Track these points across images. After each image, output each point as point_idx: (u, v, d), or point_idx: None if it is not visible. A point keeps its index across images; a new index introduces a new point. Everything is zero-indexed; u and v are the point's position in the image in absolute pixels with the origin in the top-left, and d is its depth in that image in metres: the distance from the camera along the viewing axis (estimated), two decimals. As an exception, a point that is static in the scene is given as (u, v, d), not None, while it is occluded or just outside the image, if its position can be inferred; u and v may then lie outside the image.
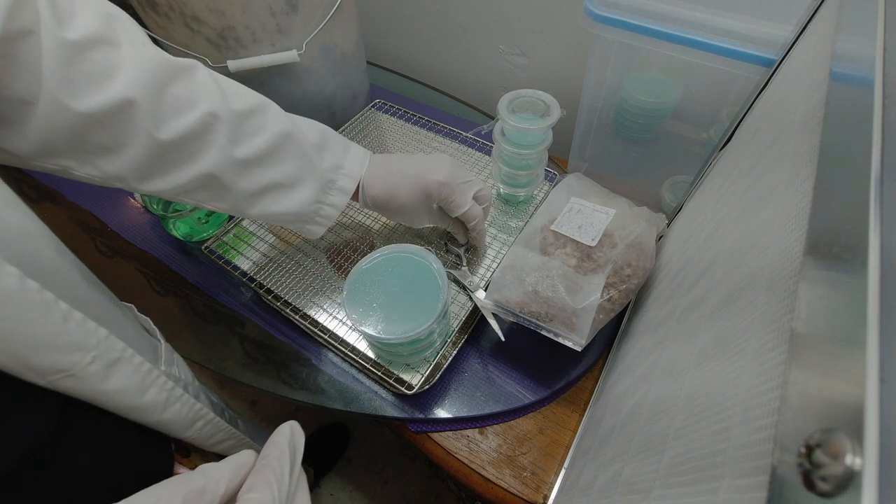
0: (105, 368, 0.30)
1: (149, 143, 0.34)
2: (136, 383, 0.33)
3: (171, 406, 0.36)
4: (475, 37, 0.81)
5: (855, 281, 0.12)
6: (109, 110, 0.32)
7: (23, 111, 0.30)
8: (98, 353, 0.29)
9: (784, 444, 0.12)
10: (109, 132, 0.33)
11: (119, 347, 0.31)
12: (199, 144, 0.37)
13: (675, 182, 0.60)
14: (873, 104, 0.16)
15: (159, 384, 0.35)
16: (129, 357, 0.32)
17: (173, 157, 0.36)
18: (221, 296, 0.58)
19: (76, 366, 0.28)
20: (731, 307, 0.23)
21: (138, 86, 0.32)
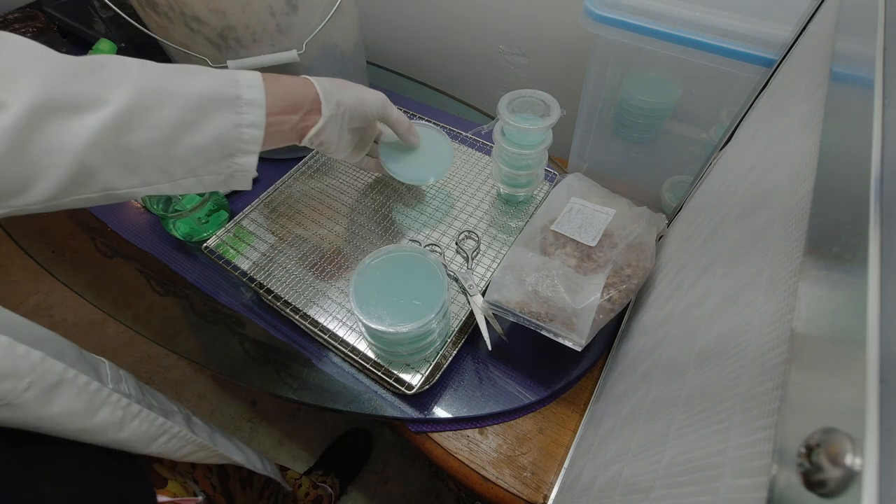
0: (44, 393, 0.28)
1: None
2: (84, 405, 0.31)
3: (129, 424, 0.34)
4: (475, 37, 0.81)
5: (855, 281, 0.12)
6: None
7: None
8: (34, 378, 0.28)
9: (784, 444, 0.12)
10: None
11: (58, 370, 0.29)
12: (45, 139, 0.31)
13: (675, 182, 0.60)
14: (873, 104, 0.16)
15: (112, 402, 0.33)
16: (72, 378, 0.30)
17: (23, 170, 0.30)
18: (221, 296, 0.58)
19: (10, 393, 0.26)
20: (731, 306, 0.23)
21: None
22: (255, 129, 0.39)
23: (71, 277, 0.63)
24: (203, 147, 0.36)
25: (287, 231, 0.59)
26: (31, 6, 0.91)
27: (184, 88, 0.35)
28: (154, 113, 0.33)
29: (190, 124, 0.35)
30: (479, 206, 0.61)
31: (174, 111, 0.34)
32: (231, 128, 0.37)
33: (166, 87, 0.34)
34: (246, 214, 0.60)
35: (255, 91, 0.38)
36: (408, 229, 0.59)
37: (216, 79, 0.37)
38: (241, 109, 0.38)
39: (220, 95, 0.36)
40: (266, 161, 0.71)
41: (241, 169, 0.40)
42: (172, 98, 0.34)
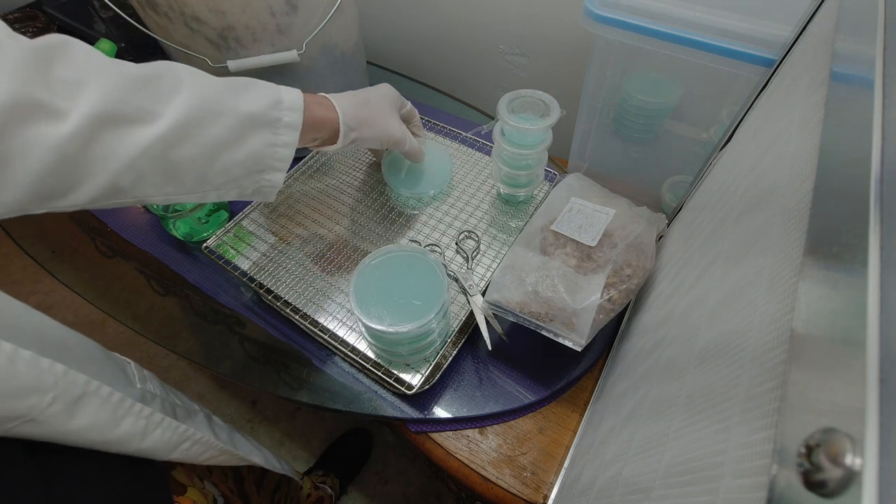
0: (69, 407, 0.28)
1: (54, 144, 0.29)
2: (107, 416, 0.31)
3: (152, 433, 0.34)
4: (475, 37, 0.81)
5: (855, 281, 0.12)
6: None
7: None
8: (58, 393, 0.27)
9: (784, 444, 0.12)
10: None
11: (81, 382, 0.29)
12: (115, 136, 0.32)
13: (675, 182, 0.60)
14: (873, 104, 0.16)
15: (135, 413, 0.33)
16: (96, 390, 0.30)
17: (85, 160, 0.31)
18: (221, 296, 0.58)
19: (34, 409, 0.26)
20: (731, 306, 0.23)
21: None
22: (287, 149, 0.41)
23: (71, 277, 0.63)
24: (238, 163, 0.38)
25: (287, 231, 0.59)
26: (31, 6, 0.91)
27: (231, 107, 0.37)
28: (201, 130, 0.35)
29: (231, 142, 0.37)
30: (479, 206, 0.61)
31: (219, 129, 0.36)
32: (266, 147, 0.39)
33: (214, 106, 0.36)
34: (246, 214, 0.60)
35: (295, 114, 0.41)
36: (408, 229, 0.59)
37: (261, 99, 0.39)
38: (279, 131, 0.40)
39: (263, 117, 0.38)
40: (266, 161, 0.71)
41: (269, 184, 0.42)
42: (219, 117, 0.36)
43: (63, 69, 0.30)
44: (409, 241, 0.57)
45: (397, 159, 0.61)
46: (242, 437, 0.50)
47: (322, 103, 0.44)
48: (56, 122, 0.29)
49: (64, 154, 0.29)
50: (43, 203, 0.31)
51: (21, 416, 0.26)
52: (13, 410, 0.25)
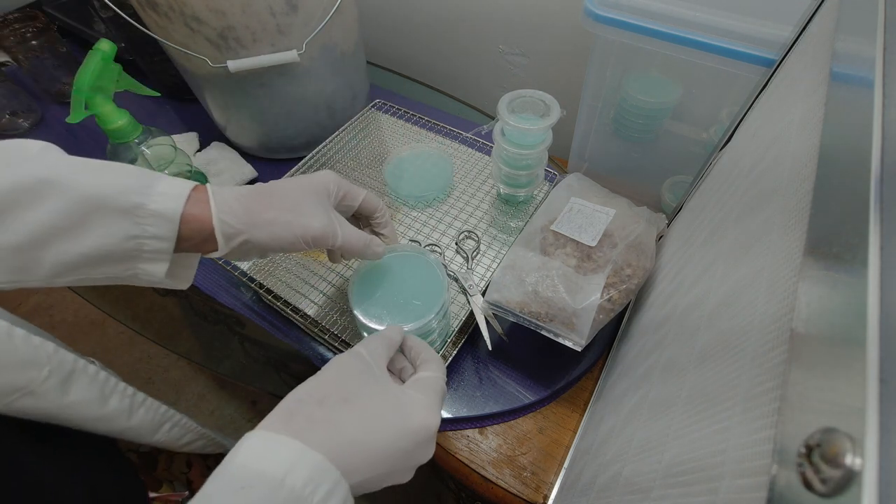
0: (62, 382, 0.30)
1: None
2: (96, 393, 0.32)
3: (137, 411, 0.36)
4: (475, 37, 0.81)
5: (855, 281, 0.12)
6: None
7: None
8: (52, 367, 0.29)
9: (784, 444, 0.12)
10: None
11: (70, 359, 0.31)
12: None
13: (675, 182, 0.60)
14: (873, 104, 0.16)
15: (119, 391, 0.34)
16: (83, 368, 0.32)
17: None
18: (221, 296, 0.58)
19: (33, 382, 0.28)
20: (732, 307, 0.23)
21: None
22: (160, 243, 0.31)
23: (71, 277, 0.63)
24: (84, 255, 0.29)
25: (287, 231, 0.59)
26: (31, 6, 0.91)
27: (67, 186, 0.28)
28: (14, 215, 0.27)
29: (66, 230, 0.28)
30: (479, 206, 0.61)
31: (43, 215, 0.27)
32: (123, 240, 0.30)
33: (39, 186, 0.27)
34: (246, 214, 0.60)
35: (171, 200, 0.30)
36: (408, 229, 0.59)
37: (118, 180, 0.29)
38: (144, 220, 0.30)
39: (114, 202, 0.29)
40: (266, 161, 0.71)
41: (145, 274, 0.32)
42: (45, 200, 0.27)
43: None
44: (409, 241, 0.57)
45: (400, 164, 0.62)
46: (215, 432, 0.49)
47: (194, 196, 0.32)
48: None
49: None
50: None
51: (22, 387, 0.27)
52: (15, 382, 0.27)
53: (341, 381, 0.29)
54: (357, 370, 0.30)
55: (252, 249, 0.34)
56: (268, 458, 0.23)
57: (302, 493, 0.22)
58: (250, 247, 0.34)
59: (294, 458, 0.23)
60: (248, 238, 0.33)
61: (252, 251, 0.35)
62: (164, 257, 0.31)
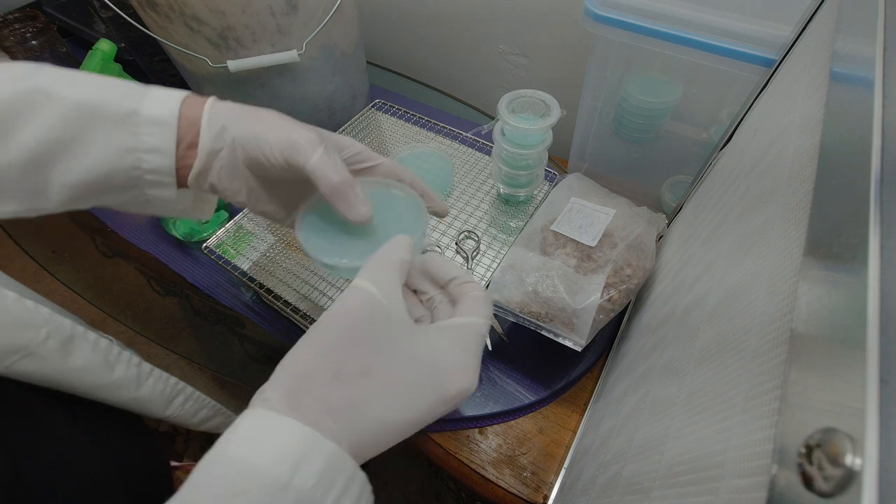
0: (63, 345, 0.29)
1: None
2: (100, 360, 0.32)
3: (145, 382, 0.35)
4: (475, 37, 0.81)
5: (855, 281, 0.12)
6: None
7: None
8: (50, 330, 0.28)
9: (784, 444, 0.12)
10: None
11: (68, 324, 0.30)
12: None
13: (675, 182, 0.60)
14: (873, 104, 0.16)
15: (125, 360, 0.34)
16: (83, 334, 0.31)
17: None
18: (221, 296, 0.58)
19: (32, 342, 0.27)
20: (731, 307, 0.23)
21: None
22: (159, 157, 0.29)
23: (71, 277, 0.63)
24: (89, 176, 0.28)
25: (287, 231, 0.59)
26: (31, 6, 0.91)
27: (57, 98, 0.27)
28: (14, 127, 0.26)
29: (66, 143, 0.27)
30: (479, 206, 0.61)
31: (40, 127, 0.27)
32: (122, 153, 0.28)
33: (31, 95, 0.26)
34: (246, 214, 0.60)
35: (163, 107, 0.28)
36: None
37: (108, 86, 0.28)
38: (140, 129, 0.28)
39: (105, 109, 0.27)
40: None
41: (158, 200, 0.30)
42: (39, 107, 0.27)
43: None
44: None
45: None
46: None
47: (187, 101, 0.30)
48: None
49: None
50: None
51: (20, 348, 0.27)
52: (12, 342, 0.26)
53: (355, 341, 0.22)
54: (372, 320, 0.23)
55: (234, 152, 0.30)
56: (271, 451, 0.19)
57: (312, 497, 0.18)
58: (228, 145, 0.30)
59: (304, 451, 0.19)
60: (228, 126, 0.29)
61: (228, 156, 0.30)
62: (166, 179, 0.29)
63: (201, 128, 0.29)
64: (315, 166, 0.28)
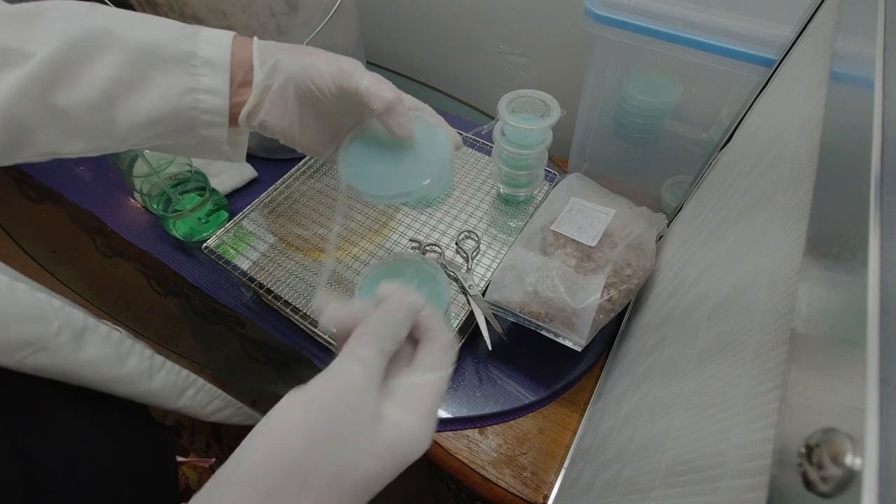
0: (75, 338, 0.29)
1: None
2: (112, 353, 0.32)
3: (157, 374, 0.35)
4: (475, 37, 0.81)
5: (855, 281, 0.12)
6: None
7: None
8: (62, 322, 0.28)
9: (784, 444, 0.12)
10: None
11: (80, 316, 0.30)
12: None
13: (675, 182, 0.60)
14: (873, 104, 0.16)
15: (137, 353, 0.34)
16: (95, 327, 0.31)
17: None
18: (221, 296, 0.58)
19: (43, 337, 0.27)
20: (731, 307, 0.23)
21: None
22: (214, 98, 0.31)
23: (71, 277, 0.63)
24: (150, 115, 0.30)
25: (287, 231, 0.59)
26: (31, 6, 0.91)
27: (121, 38, 0.28)
28: (82, 69, 0.28)
29: (129, 84, 0.29)
30: (479, 206, 0.61)
31: (107, 67, 0.28)
32: (181, 94, 0.30)
33: (99, 37, 0.28)
34: (246, 214, 0.60)
35: (217, 49, 0.30)
36: (408, 229, 0.59)
37: (164, 28, 0.30)
38: (197, 70, 0.30)
39: (167, 51, 0.29)
40: (266, 161, 0.71)
41: (209, 139, 0.32)
42: (105, 50, 0.28)
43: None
44: (409, 240, 0.57)
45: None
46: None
47: (236, 41, 0.32)
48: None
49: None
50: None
51: (32, 342, 0.26)
52: (24, 336, 0.26)
53: (331, 438, 0.20)
54: (349, 409, 0.21)
55: (286, 85, 0.32)
56: None
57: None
58: (282, 78, 0.32)
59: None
60: (279, 61, 0.32)
61: (281, 95, 0.32)
62: (221, 120, 0.32)
63: (254, 66, 0.31)
64: (369, 85, 0.31)
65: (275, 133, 0.34)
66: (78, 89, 0.28)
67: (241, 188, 0.68)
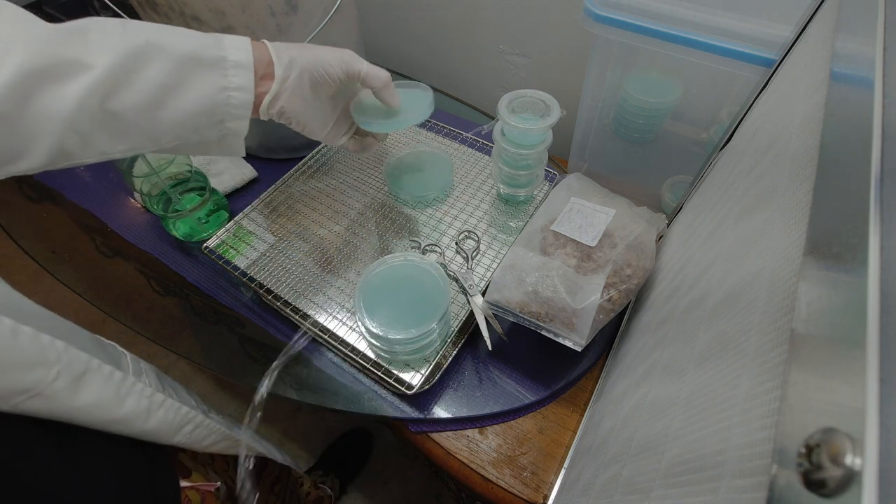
0: (73, 382, 0.29)
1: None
2: (111, 394, 0.31)
3: (155, 413, 0.35)
4: (475, 37, 0.81)
5: (855, 281, 0.12)
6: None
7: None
8: (62, 367, 0.28)
9: (784, 444, 0.12)
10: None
11: (83, 359, 0.30)
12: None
13: (675, 182, 0.60)
14: (873, 104, 0.16)
15: (137, 392, 0.33)
16: (97, 368, 0.31)
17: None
18: (221, 296, 0.58)
19: (41, 383, 0.27)
20: (731, 307, 0.23)
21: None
22: (242, 93, 0.37)
23: (71, 277, 0.63)
24: (190, 112, 0.35)
25: (287, 231, 0.59)
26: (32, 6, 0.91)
27: (166, 49, 0.33)
28: (136, 76, 0.32)
29: (175, 87, 0.34)
30: (479, 206, 0.61)
31: (157, 74, 0.33)
32: (217, 92, 0.36)
33: (147, 49, 0.33)
34: (246, 214, 0.60)
35: (241, 53, 0.37)
36: (408, 229, 0.59)
37: (199, 38, 0.35)
38: (228, 72, 0.36)
39: (203, 57, 0.35)
40: (266, 161, 0.71)
41: (231, 132, 0.39)
42: (154, 60, 0.33)
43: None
44: (409, 240, 0.57)
45: (399, 165, 0.62)
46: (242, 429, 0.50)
47: (253, 44, 0.39)
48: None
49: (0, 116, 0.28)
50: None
51: (28, 389, 0.26)
52: (20, 383, 0.26)
53: None
54: None
55: (299, 76, 0.40)
56: None
57: None
58: (298, 70, 0.40)
59: None
60: (294, 57, 0.39)
61: (299, 84, 0.40)
62: (246, 112, 0.38)
63: (274, 62, 0.39)
64: (369, 69, 0.43)
65: (290, 118, 0.42)
66: (132, 94, 0.33)
67: (241, 188, 0.68)
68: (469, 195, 0.63)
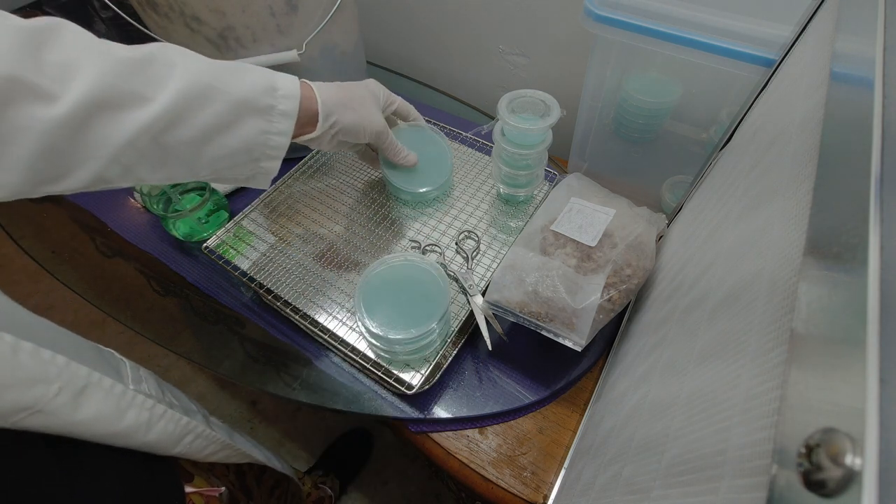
0: (74, 398, 0.28)
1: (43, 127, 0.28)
2: (112, 408, 0.31)
3: (156, 425, 0.34)
4: (475, 37, 0.81)
5: (855, 281, 0.12)
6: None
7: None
8: (63, 383, 0.28)
9: (784, 444, 0.12)
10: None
11: (83, 373, 0.29)
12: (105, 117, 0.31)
13: (675, 182, 0.60)
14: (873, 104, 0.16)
15: (137, 405, 0.33)
16: (98, 381, 0.30)
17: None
18: (221, 296, 0.58)
19: (41, 400, 0.26)
20: (731, 307, 0.23)
21: None
22: (281, 138, 0.40)
23: (71, 277, 0.63)
24: (232, 149, 0.38)
25: (287, 231, 0.59)
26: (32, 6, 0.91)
27: (224, 92, 0.35)
28: (192, 115, 0.34)
29: (224, 128, 0.36)
30: (479, 206, 0.61)
31: (211, 115, 0.35)
32: (259, 134, 0.38)
33: (206, 91, 0.35)
34: (246, 214, 0.60)
35: (291, 102, 0.40)
36: (408, 229, 0.59)
37: (255, 84, 0.38)
38: (273, 119, 0.39)
39: (256, 104, 0.37)
40: (266, 161, 0.71)
41: (263, 172, 0.42)
42: (212, 102, 0.35)
43: (55, 52, 0.29)
44: (409, 240, 0.57)
45: None
46: (241, 436, 0.50)
47: (305, 92, 0.42)
48: (47, 105, 0.28)
49: (56, 139, 0.29)
50: (37, 188, 0.31)
51: (28, 406, 0.26)
52: (20, 401, 0.25)
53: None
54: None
55: (335, 129, 0.44)
56: None
57: None
58: (336, 128, 0.44)
59: None
60: (336, 119, 0.44)
61: (333, 132, 0.45)
62: (280, 153, 0.41)
63: (319, 120, 0.43)
64: (388, 145, 0.51)
65: (319, 148, 0.49)
66: (183, 131, 0.34)
67: (241, 188, 0.68)
68: (469, 195, 0.62)
